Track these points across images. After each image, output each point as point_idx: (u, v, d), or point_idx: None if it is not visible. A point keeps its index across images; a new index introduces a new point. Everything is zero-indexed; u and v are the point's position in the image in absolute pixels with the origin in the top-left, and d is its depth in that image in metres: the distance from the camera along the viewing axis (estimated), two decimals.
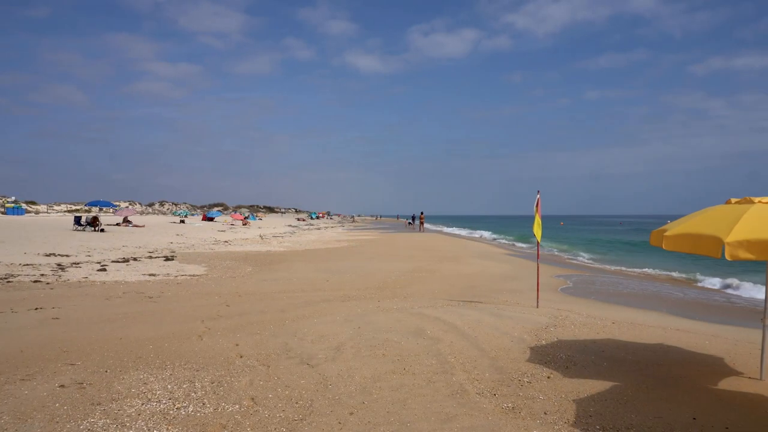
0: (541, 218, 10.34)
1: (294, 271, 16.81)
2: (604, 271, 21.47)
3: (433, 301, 10.83)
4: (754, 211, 4.98)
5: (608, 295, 13.53)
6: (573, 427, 4.47)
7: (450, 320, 8.65)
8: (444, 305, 10.29)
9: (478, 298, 11.53)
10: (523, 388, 5.45)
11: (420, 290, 12.76)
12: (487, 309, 9.88)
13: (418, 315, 9.15)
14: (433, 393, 5.28)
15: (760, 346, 5.90)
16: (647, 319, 9.63)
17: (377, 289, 12.70)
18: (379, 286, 13.41)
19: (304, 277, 14.94)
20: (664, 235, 5.53)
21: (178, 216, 71.63)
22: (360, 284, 13.61)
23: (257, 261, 19.74)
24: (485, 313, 9.44)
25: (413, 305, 10.27)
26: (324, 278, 14.82)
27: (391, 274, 16.28)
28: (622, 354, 6.80)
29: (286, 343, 7.13)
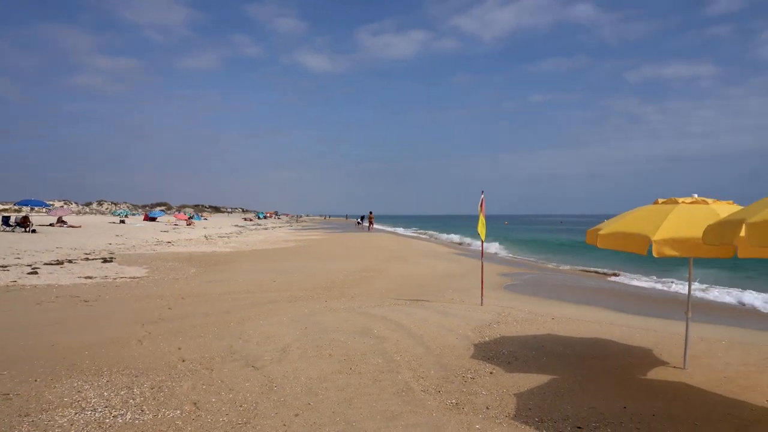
0: (485, 218, 10.61)
1: (240, 271, 16.49)
2: (546, 268, 22.22)
3: (381, 301, 10.90)
4: (678, 211, 5.31)
5: (549, 292, 14.02)
6: (513, 420, 4.62)
7: (396, 319, 8.73)
8: (391, 304, 10.38)
9: (424, 296, 11.70)
10: (467, 384, 5.58)
11: (367, 290, 12.81)
12: (433, 307, 10.04)
13: (365, 314, 9.19)
14: (379, 392, 5.33)
15: (684, 338, 6.28)
16: (585, 314, 10.06)
17: (325, 289, 12.66)
18: (326, 286, 13.36)
19: (250, 278, 14.69)
20: (598, 234, 5.81)
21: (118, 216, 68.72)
22: (307, 284, 13.52)
23: (202, 262, 19.23)
24: (431, 311, 9.59)
25: (360, 305, 10.30)
26: (271, 279, 14.62)
27: (339, 273, 16.25)
28: (561, 348, 7.07)
29: (231, 346, 7.00)
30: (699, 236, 4.78)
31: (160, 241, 29.79)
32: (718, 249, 5.17)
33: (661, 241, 5.03)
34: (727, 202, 5.58)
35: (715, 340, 7.63)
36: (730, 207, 5.38)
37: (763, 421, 4.65)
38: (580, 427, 4.50)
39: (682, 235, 5.01)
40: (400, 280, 15.15)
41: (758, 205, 3.92)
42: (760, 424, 4.56)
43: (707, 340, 7.63)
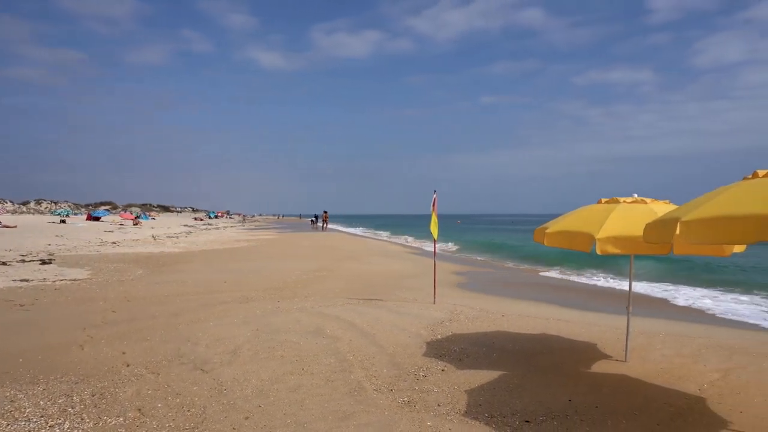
0: (437, 217, 10.73)
1: (189, 272, 16.05)
2: (497, 267, 22.70)
3: (334, 300, 10.85)
4: (620, 210, 5.53)
5: (500, 289, 14.33)
6: (464, 417, 4.70)
7: (349, 319, 8.71)
8: (344, 304, 10.35)
9: (378, 295, 11.72)
10: (419, 382, 5.63)
11: (321, 289, 12.72)
12: (386, 306, 10.07)
13: (318, 314, 9.12)
14: (331, 392, 5.30)
15: (626, 332, 6.55)
16: (533, 310, 10.33)
17: (277, 290, 12.48)
18: (279, 286, 13.18)
19: (200, 279, 14.31)
20: (545, 232, 5.97)
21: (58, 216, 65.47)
22: (259, 285, 13.30)
23: (149, 263, 18.59)
24: (384, 310, 9.62)
25: (313, 305, 10.22)
26: (221, 279, 14.30)
27: (292, 273, 16.07)
28: (510, 345, 7.24)
29: (179, 349, 6.80)
30: (639, 234, 5.00)
31: (104, 242, 28.61)
32: (655, 246, 5.41)
33: (604, 239, 5.22)
34: (663, 202, 5.85)
35: (654, 334, 8.00)
36: (666, 206, 5.64)
37: (696, 408, 4.91)
38: (528, 421, 4.61)
39: (623, 233, 5.22)
40: (354, 279, 15.12)
41: (691, 205, 4.13)
42: (693, 411, 4.81)
43: (646, 333, 7.98)
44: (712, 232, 3.61)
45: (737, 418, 4.66)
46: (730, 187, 4.01)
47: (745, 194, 3.68)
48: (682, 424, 4.52)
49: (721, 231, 3.54)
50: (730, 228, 3.47)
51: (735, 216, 3.46)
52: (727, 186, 4.13)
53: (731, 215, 3.48)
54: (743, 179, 4.19)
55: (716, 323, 10.09)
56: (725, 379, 5.77)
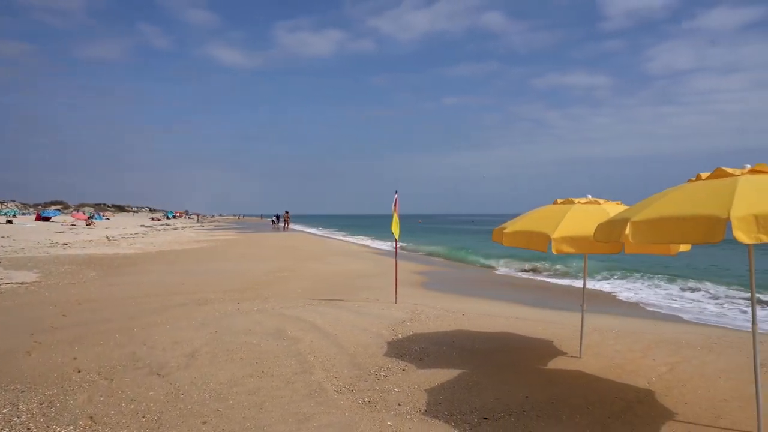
0: (399, 217, 10.79)
1: (146, 274, 15.62)
2: (458, 266, 22.98)
3: (295, 301, 10.76)
4: (574, 210, 5.70)
5: (461, 288, 14.53)
6: (424, 415, 4.75)
7: (311, 319, 8.67)
8: (305, 305, 10.28)
9: (339, 296, 11.70)
10: (380, 382, 5.65)
11: (282, 290, 12.60)
12: (348, 307, 10.07)
13: (278, 315, 9.03)
14: (292, 394, 5.27)
15: (580, 329, 6.76)
16: (493, 309, 10.52)
17: (237, 291, 12.29)
18: (239, 287, 12.98)
19: (157, 281, 13.95)
20: (503, 232, 6.09)
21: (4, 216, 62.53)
22: (219, 286, 13.07)
23: (103, 264, 17.99)
24: (345, 310, 9.61)
25: (274, 306, 10.12)
26: (180, 281, 13.97)
27: (252, 274, 15.86)
28: (470, 343, 7.35)
29: (134, 353, 6.62)
30: (592, 234, 5.16)
31: (55, 243, 27.50)
32: (608, 245, 5.60)
33: (559, 239, 5.37)
34: (615, 203, 6.06)
35: (607, 330, 8.27)
36: (618, 207, 5.84)
37: (645, 400, 5.10)
38: (486, 417, 4.70)
39: (577, 233, 5.38)
40: (316, 279, 15.04)
41: (639, 206, 4.30)
42: (642, 404, 5.01)
43: (600, 330, 8.25)
44: (658, 232, 3.77)
45: (682, 409, 4.88)
46: (676, 189, 4.19)
47: (689, 196, 3.86)
48: (631, 417, 4.70)
49: (667, 231, 3.70)
50: (675, 228, 3.63)
51: (679, 217, 3.62)
52: (672, 188, 4.31)
53: (676, 216, 3.64)
54: (688, 181, 4.39)
55: (665, 319, 10.50)
56: (672, 372, 6.02)
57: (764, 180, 3.78)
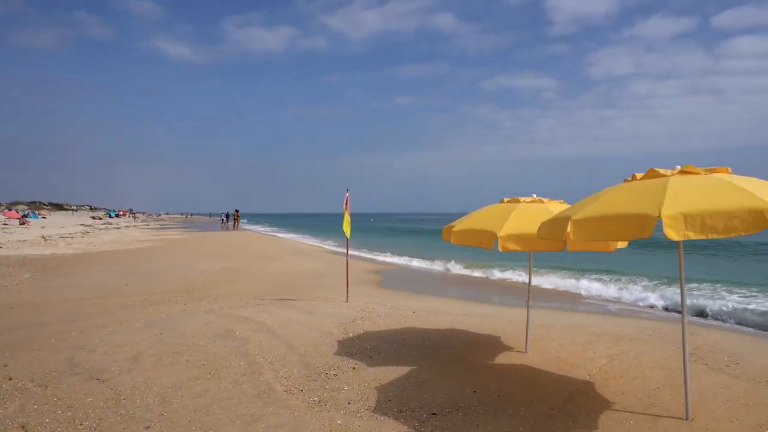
0: (350, 216, 10.79)
1: (86, 275, 14.95)
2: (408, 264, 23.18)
3: (245, 301, 10.58)
4: (520, 209, 5.87)
5: (411, 286, 14.67)
6: (373, 413, 4.77)
7: (260, 319, 8.55)
8: (255, 305, 10.13)
9: (291, 295, 11.58)
10: (330, 381, 5.64)
11: (231, 290, 12.36)
12: (299, 306, 9.99)
13: (227, 316, 8.86)
14: (240, 395, 5.18)
15: (526, 324, 6.96)
16: (443, 306, 10.69)
17: (184, 292, 11.96)
18: (185, 288, 12.64)
19: (98, 282, 13.38)
20: (452, 231, 6.20)
21: None
22: (164, 287, 12.67)
23: (39, 266, 17.10)
24: (296, 310, 9.53)
25: (223, 306, 9.91)
26: (123, 282, 13.46)
27: (201, 274, 15.47)
28: (420, 341, 7.44)
29: (72, 358, 6.33)
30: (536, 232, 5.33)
31: None
32: (551, 243, 5.79)
33: (505, 236, 5.52)
34: (559, 202, 6.28)
35: (551, 325, 8.56)
36: (561, 206, 6.06)
37: (585, 392, 5.32)
38: (435, 413, 4.77)
39: (522, 231, 5.54)
40: (266, 279, 14.83)
41: (580, 205, 4.48)
42: (583, 395, 5.22)
43: (545, 325, 8.52)
44: (597, 229, 3.94)
45: (619, 399, 5.11)
46: (613, 188, 4.38)
47: (624, 195, 4.05)
48: (573, 408, 4.89)
49: (605, 229, 3.88)
50: (612, 226, 3.80)
51: (615, 215, 3.79)
52: (610, 188, 4.51)
53: (612, 214, 3.82)
54: (624, 181, 4.61)
55: (606, 313, 10.96)
56: (610, 364, 6.30)
57: (692, 180, 4.02)
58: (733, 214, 3.46)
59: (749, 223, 3.39)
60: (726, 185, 3.81)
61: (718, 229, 3.48)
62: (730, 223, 3.45)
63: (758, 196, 3.52)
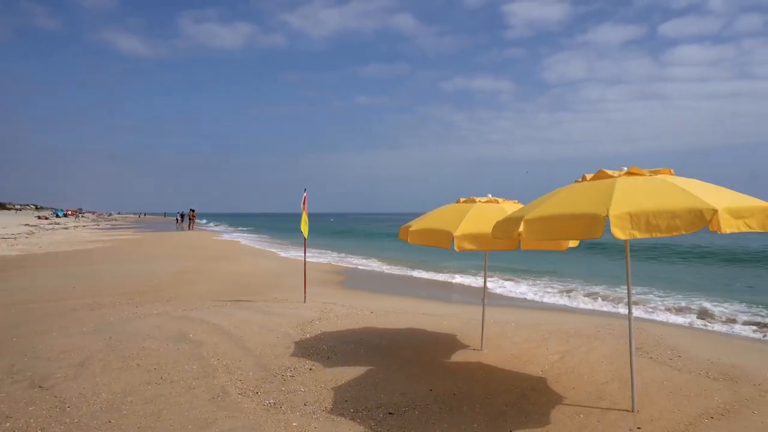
0: (308, 216, 10.70)
1: (31, 278, 14.28)
2: (367, 265, 23.18)
3: (200, 303, 10.34)
4: (475, 209, 5.95)
5: (370, 287, 14.68)
6: (330, 414, 4.75)
7: (216, 321, 8.37)
8: (211, 306, 9.91)
9: (247, 296, 11.39)
10: (286, 383, 5.58)
11: (186, 292, 12.05)
12: (256, 307, 9.84)
13: (181, 318, 8.64)
14: (192, 399, 5.06)
15: (481, 323, 7.07)
16: (401, 306, 10.73)
17: (136, 294, 11.59)
18: (138, 290, 12.25)
19: (43, 285, 12.80)
20: (408, 230, 6.24)
21: None
22: (116, 289, 12.24)
23: None
24: (253, 311, 9.38)
25: (177, 308, 9.65)
26: (70, 285, 12.92)
27: (154, 276, 15.02)
28: (377, 340, 7.45)
29: (13, 365, 6.03)
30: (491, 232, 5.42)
31: None
32: (506, 242, 5.90)
33: (461, 236, 5.58)
34: (513, 201, 6.41)
35: (506, 323, 8.73)
36: (515, 206, 6.18)
37: (538, 388, 5.45)
38: (391, 412, 4.79)
39: (478, 230, 5.62)
40: (222, 280, 14.54)
41: (533, 204, 4.58)
42: (536, 391, 5.34)
43: (500, 323, 8.68)
44: (548, 229, 4.04)
45: (570, 394, 5.26)
46: (564, 189, 4.50)
47: (575, 196, 4.17)
48: (526, 404, 4.99)
49: (556, 228, 3.98)
50: (562, 225, 3.90)
51: (566, 215, 3.89)
52: (561, 188, 4.64)
53: (563, 214, 3.92)
54: (575, 182, 4.74)
55: (559, 311, 11.26)
56: (562, 360, 6.48)
57: (638, 181, 4.17)
58: (674, 214, 3.61)
59: (689, 222, 3.54)
60: (668, 186, 3.97)
61: (662, 228, 3.62)
62: (672, 222, 3.60)
63: (697, 196, 3.69)
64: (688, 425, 4.50)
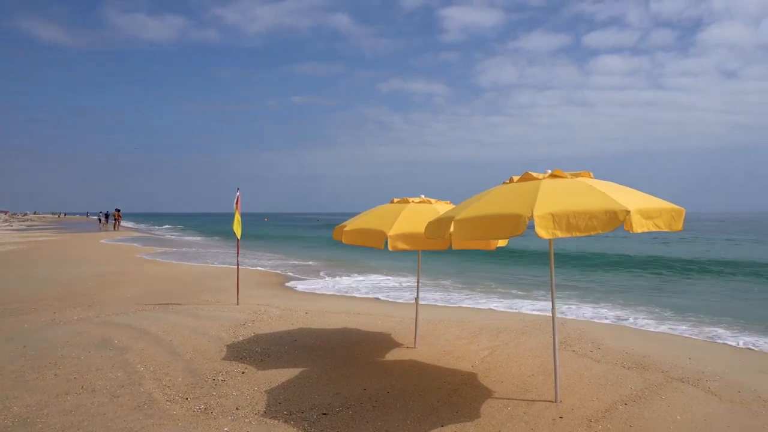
0: (241, 216, 10.47)
1: None
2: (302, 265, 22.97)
3: (126, 307, 9.87)
4: (409, 209, 6.06)
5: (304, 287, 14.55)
6: (263, 417, 4.68)
7: (143, 326, 8.04)
8: (138, 310, 9.49)
9: (177, 299, 10.99)
10: (217, 387, 5.44)
11: (111, 296, 11.46)
12: (185, 310, 9.52)
13: (104, 324, 8.22)
14: (117, 409, 4.83)
15: (415, 320, 7.21)
16: (336, 306, 10.72)
17: (54, 299, 10.90)
18: (56, 295, 11.52)
19: None
20: (343, 230, 6.25)
21: None
22: (30, 295, 11.45)
23: None
24: (183, 314, 9.08)
25: (100, 314, 9.17)
26: None
27: (74, 280, 14.18)
28: (312, 341, 7.42)
29: None
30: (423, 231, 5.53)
31: None
32: (438, 242, 6.04)
33: (394, 236, 5.67)
34: (445, 202, 6.57)
35: (438, 321, 8.93)
36: (447, 206, 6.34)
37: (468, 383, 5.63)
38: (325, 413, 4.79)
39: (411, 230, 5.72)
40: (151, 283, 13.95)
41: (463, 205, 4.73)
42: (466, 386, 5.51)
43: (432, 321, 8.88)
44: (477, 228, 4.18)
45: (499, 388, 5.47)
46: (492, 190, 4.68)
47: (502, 197, 4.34)
48: (457, 399, 5.14)
49: (484, 228, 4.13)
50: (490, 225, 4.06)
51: (493, 215, 4.05)
52: (490, 189, 4.81)
53: (490, 214, 4.07)
54: (503, 183, 4.93)
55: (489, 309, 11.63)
56: (492, 356, 6.72)
57: (561, 183, 4.40)
58: (592, 215, 3.84)
59: (605, 222, 3.78)
60: (587, 189, 4.21)
61: (581, 228, 3.84)
62: (590, 222, 3.83)
63: (613, 198, 3.95)
64: (605, 412, 4.80)
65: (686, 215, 4.31)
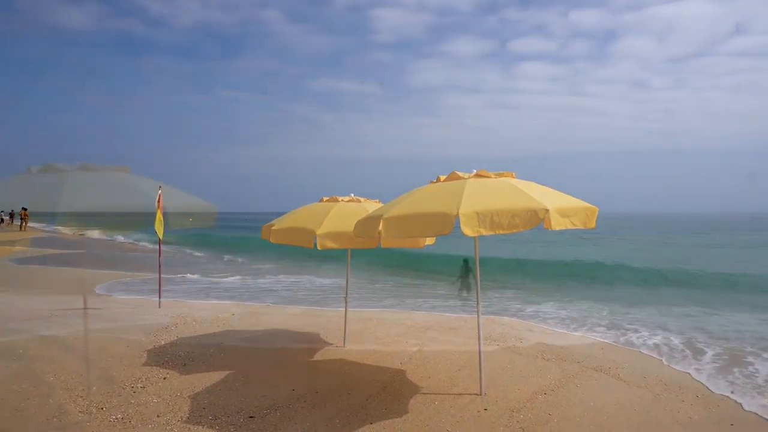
0: (163, 215, 10.03)
1: None
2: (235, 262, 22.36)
3: (32, 313, 9.16)
4: (338, 208, 6.04)
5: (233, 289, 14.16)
6: (186, 423, 4.51)
7: (52, 332, 7.50)
8: (48, 316, 8.84)
9: (91, 303, 10.35)
10: (136, 395, 5.18)
11: (15, 301, 10.60)
12: (101, 314, 8.99)
13: (7, 332, 7.58)
14: (23, 423, 4.48)
15: (344, 320, 7.20)
16: (264, 307, 10.51)
17: None
18: None
19: None
20: (271, 229, 6.14)
21: None
22: None
23: None
24: (98, 319, 8.56)
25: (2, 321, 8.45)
26: None
27: None
28: (239, 343, 7.23)
29: None
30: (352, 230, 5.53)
31: None
32: (367, 240, 6.06)
33: (323, 235, 5.62)
34: (375, 201, 6.60)
35: (368, 320, 8.98)
36: (376, 205, 6.37)
37: (397, 379, 5.70)
38: (252, 416, 4.68)
39: (340, 229, 5.70)
40: (62, 286, 13.03)
41: (391, 204, 4.78)
42: (395, 383, 5.58)
43: (362, 320, 8.91)
44: (405, 227, 4.24)
45: (426, 383, 5.58)
46: (420, 189, 4.77)
47: (429, 195, 4.43)
48: (386, 396, 5.19)
49: (412, 226, 4.19)
50: (417, 224, 4.13)
51: (420, 214, 4.12)
52: (418, 188, 4.90)
53: (418, 213, 4.15)
54: (429, 183, 5.03)
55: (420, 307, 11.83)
56: (420, 353, 6.84)
57: (486, 183, 4.55)
58: (515, 213, 4.00)
59: (526, 220, 3.95)
60: (510, 188, 4.38)
61: (504, 226, 3.99)
62: (512, 220, 3.99)
63: (533, 197, 4.13)
64: (526, 402, 5.02)
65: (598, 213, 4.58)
